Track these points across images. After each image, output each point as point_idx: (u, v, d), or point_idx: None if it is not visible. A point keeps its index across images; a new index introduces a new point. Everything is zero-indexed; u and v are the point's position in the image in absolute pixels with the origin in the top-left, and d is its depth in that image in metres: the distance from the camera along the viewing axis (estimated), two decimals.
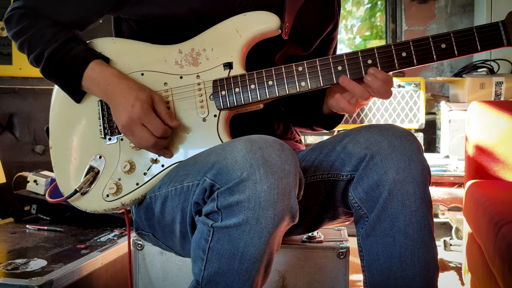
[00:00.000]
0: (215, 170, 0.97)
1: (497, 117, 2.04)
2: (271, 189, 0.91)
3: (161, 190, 1.14)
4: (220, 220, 0.95)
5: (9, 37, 1.25)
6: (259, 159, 0.92)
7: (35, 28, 1.19)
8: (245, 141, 0.96)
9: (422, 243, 1.05)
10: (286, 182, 0.93)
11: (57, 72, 1.18)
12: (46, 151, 2.66)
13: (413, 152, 1.06)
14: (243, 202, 0.91)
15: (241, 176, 0.92)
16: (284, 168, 0.93)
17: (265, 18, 1.17)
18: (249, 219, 0.91)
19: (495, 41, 1.09)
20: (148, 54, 1.21)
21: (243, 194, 0.91)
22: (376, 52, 1.12)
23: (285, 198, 0.93)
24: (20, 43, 1.21)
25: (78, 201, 1.21)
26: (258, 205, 0.91)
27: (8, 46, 2.57)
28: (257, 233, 0.92)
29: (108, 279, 1.60)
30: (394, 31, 3.69)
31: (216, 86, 1.16)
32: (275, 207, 0.92)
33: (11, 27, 1.22)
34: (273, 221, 0.92)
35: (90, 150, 1.22)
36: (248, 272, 0.95)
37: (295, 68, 1.14)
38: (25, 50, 1.21)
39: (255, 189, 0.91)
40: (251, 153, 0.93)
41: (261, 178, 0.91)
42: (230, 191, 0.93)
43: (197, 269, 1.00)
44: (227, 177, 0.94)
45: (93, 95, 1.22)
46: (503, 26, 1.09)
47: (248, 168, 0.92)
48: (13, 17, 1.22)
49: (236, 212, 0.92)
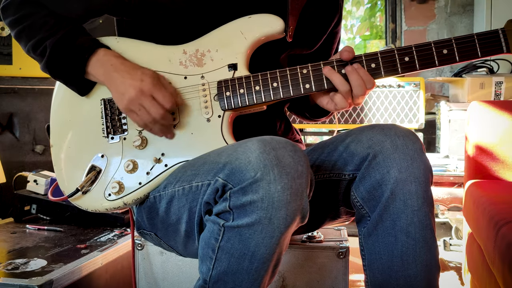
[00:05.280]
0: (228, 170, 0.97)
1: (497, 117, 2.04)
2: (285, 189, 0.92)
3: (167, 189, 1.14)
4: (232, 219, 0.95)
5: (6, 25, 1.23)
6: (273, 160, 0.93)
7: (36, 16, 1.18)
8: (258, 142, 0.96)
9: (424, 243, 1.05)
10: (299, 183, 0.94)
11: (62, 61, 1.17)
12: (46, 151, 2.65)
13: (416, 152, 1.06)
14: (256, 202, 0.92)
15: (255, 176, 0.92)
16: (297, 169, 0.94)
17: (270, 21, 1.18)
18: (262, 219, 0.92)
19: (495, 47, 1.12)
20: (152, 54, 1.21)
21: (256, 194, 0.92)
22: (379, 56, 1.14)
23: (298, 199, 0.93)
24: (19, 30, 1.19)
25: (79, 200, 1.21)
26: (271, 205, 0.91)
27: (8, 46, 2.56)
28: (269, 233, 0.93)
29: (108, 279, 1.60)
30: (394, 31, 3.69)
31: (221, 87, 1.16)
32: (287, 207, 0.92)
33: (8, 15, 1.20)
34: (285, 221, 0.93)
35: (91, 149, 1.22)
36: (257, 271, 0.96)
37: (300, 71, 1.15)
38: (23, 37, 1.20)
39: (269, 189, 0.91)
40: (265, 153, 0.93)
41: (275, 178, 0.91)
42: (243, 191, 0.93)
43: (205, 268, 1.00)
44: (240, 177, 0.94)
45: (95, 94, 1.21)
46: (502, 34, 1.11)
47: (262, 168, 0.92)
48: (11, 5, 1.20)
49: (249, 212, 0.93)
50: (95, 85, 1.22)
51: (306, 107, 1.40)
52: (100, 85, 1.22)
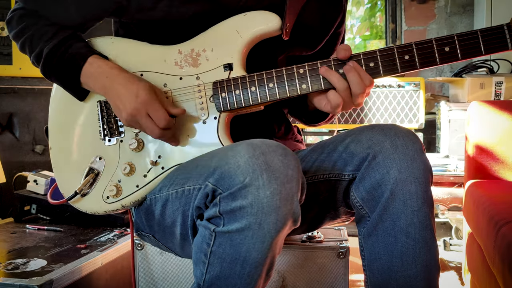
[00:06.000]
0: (217, 175, 0.96)
1: (497, 117, 2.04)
2: (274, 194, 0.91)
3: (162, 192, 1.14)
4: (222, 225, 0.95)
5: (11, 39, 1.24)
6: (262, 165, 0.91)
7: (36, 27, 1.18)
8: (248, 146, 0.95)
9: (424, 243, 1.05)
10: (289, 187, 0.93)
11: (56, 69, 1.17)
12: (46, 151, 2.65)
13: (416, 152, 1.06)
14: (245, 207, 0.91)
15: (243, 182, 0.91)
16: (287, 174, 0.93)
17: (266, 18, 1.15)
18: (252, 224, 0.91)
19: (500, 44, 1.07)
20: (147, 54, 1.20)
21: (245, 199, 0.91)
22: (378, 55, 1.10)
23: (288, 203, 0.92)
24: (22, 43, 1.21)
25: (79, 203, 1.21)
26: (261, 211, 0.90)
27: (8, 46, 2.57)
28: (260, 238, 0.92)
29: (108, 279, 1.60)
30: (394, 31, 3.69)
31: (216, 88, 1.14)
32: (277, 212, 0.91)
33: (12, 28, 1.22)
34: (276, 226, 0.92)
35: (90, 151, 1.21)
36: (250, 276, 0.95)
37: (296, 70, 1.12)
38: (27, 49, 1.21)
39: (258, 194, 0.90)
40: (253, 158, 0.92)
41: (264, 183, 0.90)
42: (232, 197, 0.92)
43: (199, 272, 1.00)
44: (229, 182, 0.93)
45: (92, 96, 1.21)
46: (508, 29, 1.06)
47: (251, 173, 0.91)
48: (13, 18, 1.22)
49: (239, 217, 0.92)
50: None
51: (304, 112, 1.38)
52: None
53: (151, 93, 1.11)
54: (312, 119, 1.40)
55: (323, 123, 1.41)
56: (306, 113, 1.37)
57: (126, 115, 1.11)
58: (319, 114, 1.33)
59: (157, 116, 1.09)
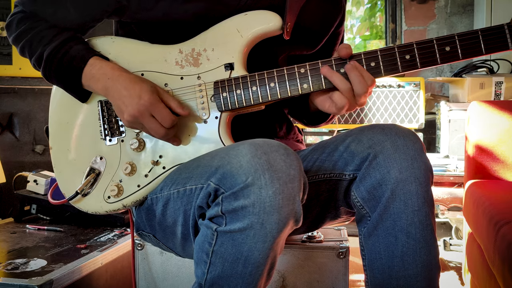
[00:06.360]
0: (220, 175, 0.96)
1: (497, 117, 2.04)
2: (276, 194, 0.91)
3: (163, 192, 1.14)
4: (224, 224, 0.95)
5: (11, 43, 1.24)
6: (264, 164, 0.92)
7: (35, 30, 1.18)
8: (250, 146, 0.95)
9: (424, 243, 1.05)
10: (291, 187, 0.93)
11: (57, 72, 1.17)
12: (46, 151, 2.65)
13: (416, 152, 1.06)
14: (248, 207, 0.91)
15: (246, 181, 0.91)
16: (289, 173, 0.93)
17: (266, 17, 1.15)
18: (254, 224, 0.91)
19: (500, 44, 1.07)
20: (148, 54, 1.20)
21: (248, 199, 0.91)
22: (379, 55, 1.10)
23: (290, 203, 0.93)
24: (21, 47, 1.21)
25: (80, 203, 1.21)
26: (263, 210, 0.91)
27: (8, 46, 2.57)
28: (262, 237, 0.92)
29: (108, 279, 1.60)
30: (394, 31, 3.69)
31: (217, 87, 1.15)
32: (279, 212, 0.91)
33: (11, 32, 1.22)
34: (278, 226, 0.92)
35: (90, 151, 1.21)
36: (251, 276, 0.95)
37: (297, 70, 1.12)
38: (26, 53, 1.21)
39: (260, 194, 0.90)
40: (256, 157, 0.92)
41: (266, 183, 0.91)
42: (234, 196, 0.92)
43: (200, 272, 1.00)
44: (231, 182, 0.93)
45: (93, 96, 1.21)
46: (508, 29, 1.06)
47: (253, 173, 0.91)
48: (13, 22, 1.21)
49: (241, 217, 0.92)
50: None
51: (305, 113, 1.38)
52: None
53: (154, 94, 1.10)
54: (313, 120, 1.40)
55: (324, 124, 1.41)
56: (307, 114, 1.37)
57: (128, 117, 1.10)
58: (320, 115, 1.33)
59: (162, 116, 1.09)
